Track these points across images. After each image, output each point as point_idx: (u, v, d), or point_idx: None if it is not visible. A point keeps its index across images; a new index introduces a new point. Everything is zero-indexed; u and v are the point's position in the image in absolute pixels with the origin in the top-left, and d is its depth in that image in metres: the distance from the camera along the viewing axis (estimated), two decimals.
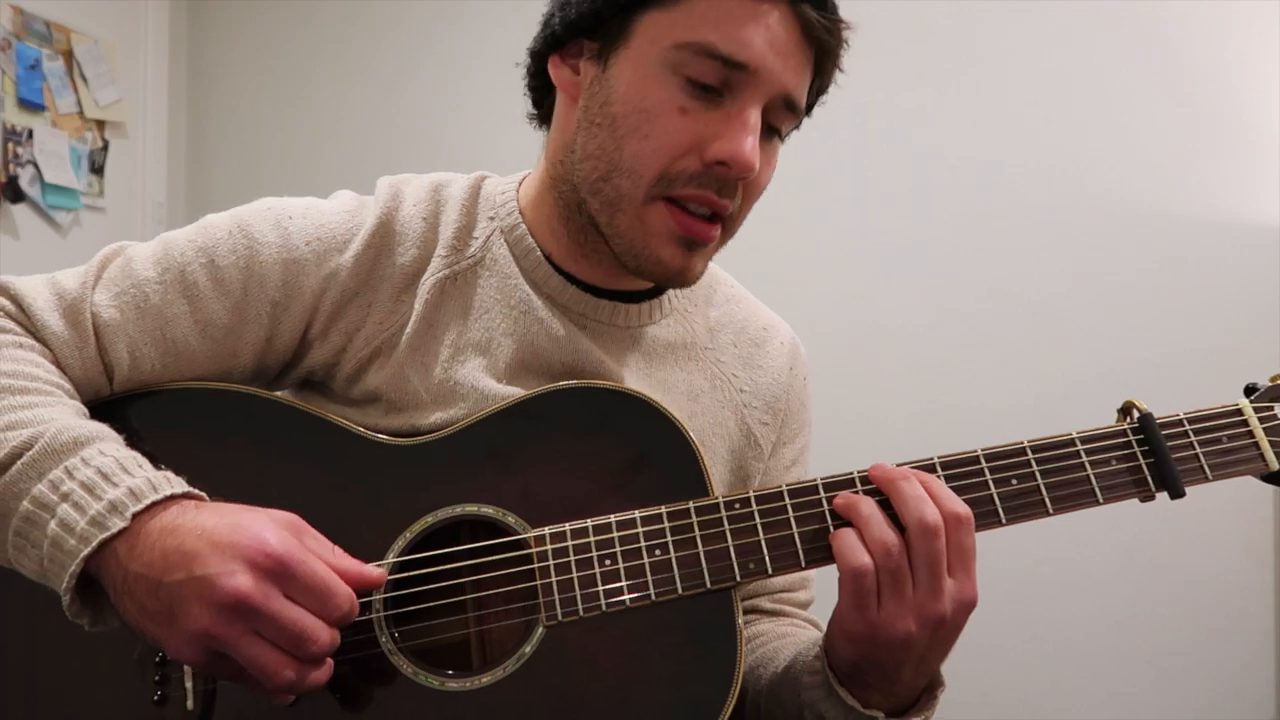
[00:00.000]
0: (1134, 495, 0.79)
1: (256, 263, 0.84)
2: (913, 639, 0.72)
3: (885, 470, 0.76)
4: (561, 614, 0.75)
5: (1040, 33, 2.19)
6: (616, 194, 0.83)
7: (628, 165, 0.82)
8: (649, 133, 0.81)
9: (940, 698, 0.79)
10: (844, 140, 2.31)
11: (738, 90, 0.80)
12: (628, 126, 0.82)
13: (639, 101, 0.81)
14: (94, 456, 0.71)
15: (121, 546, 0.67)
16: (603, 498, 0.79)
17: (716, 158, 0.80)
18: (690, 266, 0.85)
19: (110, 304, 0.82)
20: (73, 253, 2.57)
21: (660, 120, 0.80)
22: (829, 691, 0.77)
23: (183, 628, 0.65)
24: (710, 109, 0.80)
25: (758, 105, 0.80)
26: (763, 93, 0.80)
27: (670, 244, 0.83)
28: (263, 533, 0.67)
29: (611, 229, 0.84)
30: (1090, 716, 2.08)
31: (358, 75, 2.81)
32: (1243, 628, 2.01)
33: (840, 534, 0.75)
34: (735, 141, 0.79)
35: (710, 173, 0.81)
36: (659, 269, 0.84)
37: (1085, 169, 2.15)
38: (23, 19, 2.54)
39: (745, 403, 0.96)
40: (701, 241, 0.84)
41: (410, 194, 0.91)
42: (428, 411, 0.85)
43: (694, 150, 0.80)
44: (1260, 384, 0.85)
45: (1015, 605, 2.11)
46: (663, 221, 0.82)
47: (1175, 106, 2.10)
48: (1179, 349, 2.00)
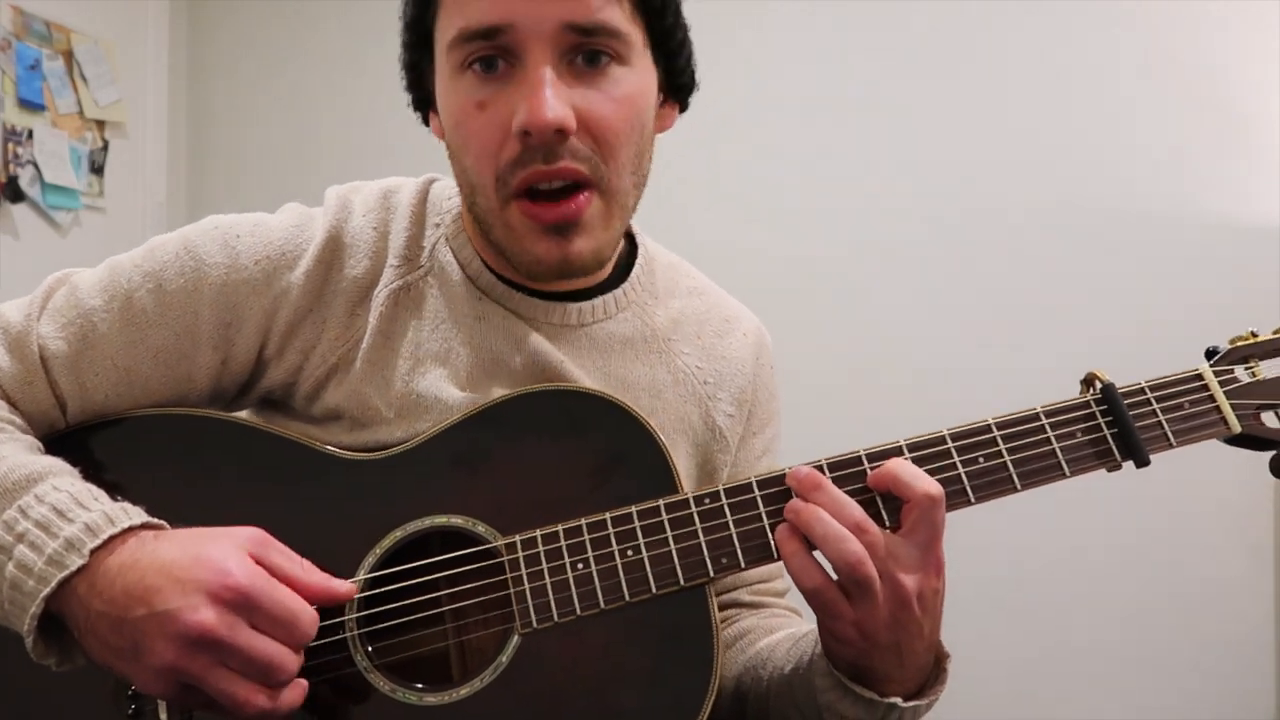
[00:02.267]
0: (1100, 466, 0.79)
1: (205, 285, 0.83)
2: (897, 621, 0.73)
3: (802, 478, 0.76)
4: (536, 621, 0.74)
5: (1040, 32, 2.19)
6: (483, 212, 0.83)
7: (475, 181, 0.82)
8: (467, 143, 0.81)
9: (949, 669, 0.79)
10: (843, 140, 2.31)
11: (517, 53, 0.78)
12: (456, 146, 0.83)
13: (451, 119, 0.82)
14: (48, 493, 0.70)
15: (81, 585, 0.66)
16: (572, 501, 0.78)
17: (519, 129, 0.77)
18: (571, 252, 0.81)
19: (57, 335, 0.80)
20: (73, 253, 2.53)
21: (467, 125, 0.80)
22: (845, 691, 0.77)
23: (148, 664, 0.64)
24: (504, 88, 0.78)
25: (541, 55, 0.77)
26: (539, 40, 0.77)
27: (539, 240, 0.81)
28: (225, 562, 0.66)
29: (497, 243, 0.84)
30: (1090, 716, 2.09)
31: (357, 75, 2.78)
32: (1243, 628, 2.02)
33: (790, 554, 0.75)
34: (528, 105, 0.76)
35: (528, 147, 0.77)
36: (541, 267, 0.82)
37: (1085, 169, 2.15)
38: (23, 19, 2.51)
39: (709, 395, 0.95)
40: (565, 222, 0.80)
41: (359, 204, 0.90)
42: (392, 426, 0.84)
43: (507, 135, 0.78)
44: (1221, 346, 0.85)
45: (1015, 605, 2.12)
46: (521, 220, 0.80)
47: (1175, 106, 2.09)
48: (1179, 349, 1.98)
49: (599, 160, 0.80)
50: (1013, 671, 2.12)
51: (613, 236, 0.85)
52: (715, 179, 2.37)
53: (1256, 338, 0.84)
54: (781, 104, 2.36)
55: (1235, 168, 2.06)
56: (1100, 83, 2.15)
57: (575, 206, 0.80)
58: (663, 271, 0.99)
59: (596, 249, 0.83)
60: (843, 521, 0.73)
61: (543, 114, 0.75)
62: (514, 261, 0.84)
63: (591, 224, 0.81)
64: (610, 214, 0.83)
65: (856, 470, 0.77)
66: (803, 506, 0.75)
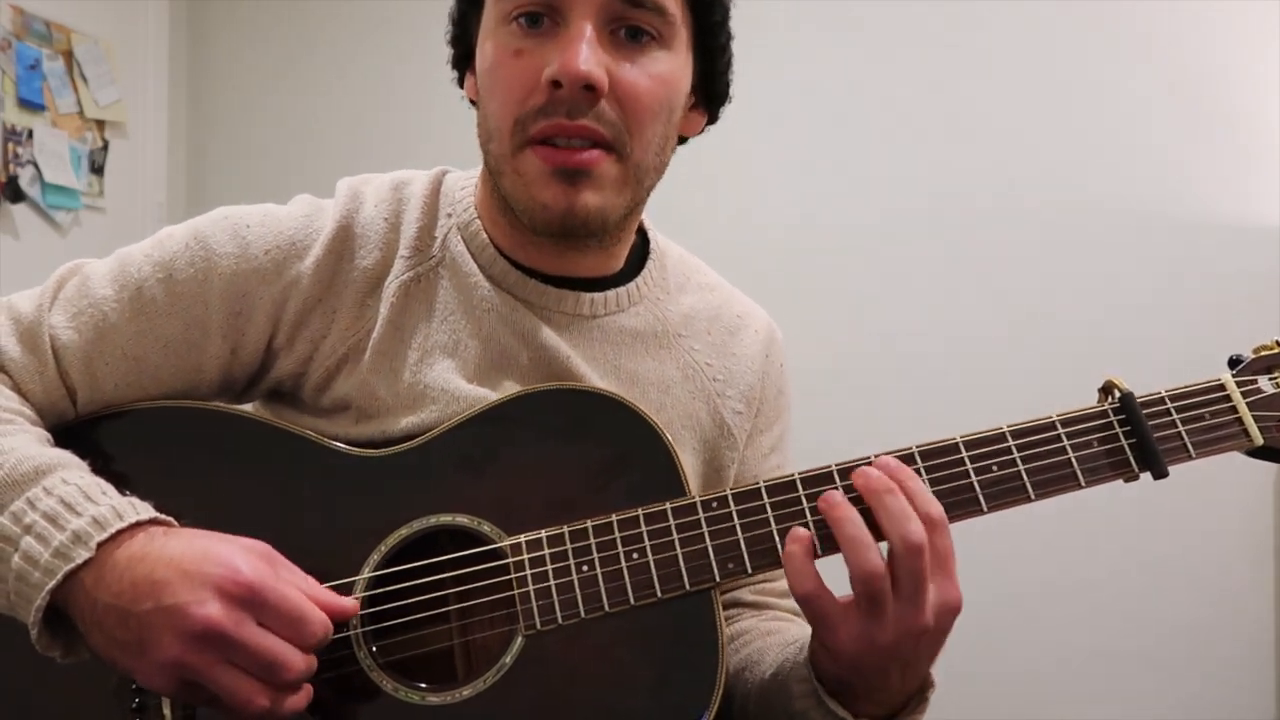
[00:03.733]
0: (1116, 477, 0.77)
1: (215, 275, 0.83)
2: (896, 650, 0.71)
3: (869, 480, 0.73)
4: (540, 622, 0.74)
5: (1040, 34, 2.17)
6: (495, 159, 0.83)
7: (494, 127, 0.82)
8: (495, 88, 0.81)
9: (931, 698, 0.78)
10: (844, 141, 2.30)
11: (561, 10, 0.79)
12: (485, 91, 0.83)
13: (485, 64, 0.83)
14: (56, 485, 0.70)
15: (88, 577, 0.66)
16: (579, 502, 0.78)
17: (550, 78, 0.77)
18: (578, 201, 0.80)
19: (68, 325, 0.81)
20: (73, 253, 2.50)
21: (500, 71, 0.81)
22: (818, 702, 0.76)
23: (153, 658, 0.64)
24: (544, 41, 0.79)
25: (585, 15, 0.78)
26: (587, 1, 0.78)
27: (548, 185, 0.80)
28: (233, 559, 0.66)
29: (508, 197, 0.84)
30: (1090, 716, 2.09)
31: (357, 74, 2.79)
32: (1243, 628, 2.01)
33: (790, 555, 0.72)
34: (563, 57, 0.77)
35: (554, 99, 0.78)
36: (546, 214, 0.81)
37: (1085, 170, 2.14)
38: (23, 19, 2.52)
39: (719, 392, 0.94)
40: (578, 169, 0.79)
41: (371, 195, 0.89)
42: (398, 417, 0.84)
43: (536, 84, 0.79)
44: (1245, 355, 0.83)
45: (1015, 605, 2.11)
46: (533, 165, 0.80)
47: (1175, 107, 2.08)
48: (1179, 349, 1.98)
49: (623, 129, 0.80)
50: (1012, 672, 2.12)
51: (623, 202, 0.84)
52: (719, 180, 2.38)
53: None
54: (782, 103, 2.36)
55: (1236, 168, 2.05)
56: (1102, 84, 2.14)
57: (589, 157, 0.80)
58: (675, 267, 0.98)
59: (603, 206, 0.82)
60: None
61: (575, 65, 0.76)
62: (520, 210, 0.83)
63: (602, 180, 0.81)
64: (624, 180, 0.82)
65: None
66: (884, 487, 0.72)
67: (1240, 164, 2.04)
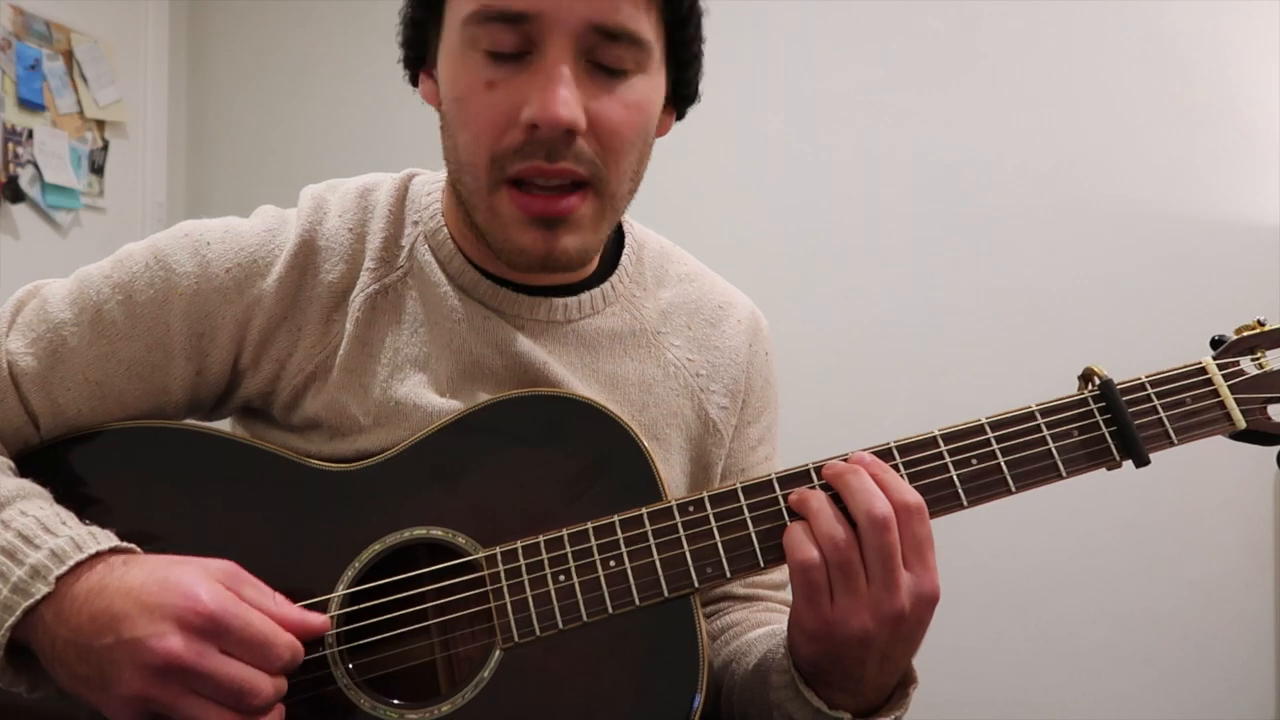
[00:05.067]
0: (1098, 466, 0.76)
1: (175, 295, 0.81)
2: (871, 635, 0.69)
3: (835, 465, 0.74)
4: (518, 635, 0.73)
5: (1040, 33, 2.16)
6: (469, 192, 0.80)
7: (466, 159, 0.79)
8: (467, 120, 0.77)
9: (913, 694, 0.76)
10: (844, 141, 2.29)
11: (537, 42, 0.74)
12: (453, 120, 0.79)
13: (454, 92, 0.78)
14: (14, 518, 0.68)
15: (48, 612, 0.65)
16: (555, 510, 0.77)
17: (527, 121, 0.74)
18: (557, 247, 0.78)
19: (26, 351, 0.79)
20: (73, 253, 2.56)
21: (472, 103, 0.76)
22: (795, 692, 0.75)
23: (117, 693, 0.63)
24: (518, 73, 0.75)
25: (564, 51, 0.74)
26: (563, 34, 0.74)
27: (526, 230, 0.78)
28: (194, 588, 0.65)
29: (481, 229, 0.81)
30: (1090, 716, 2.09)
31: (357, 74, 2.78)
32: (1243, 628, 2.01)
33: (790, 529, 0.72)
34: (539, 100, 0.73)
35: (533, 140, 0.75)
36: (525, 258, 0.79)
37: (1085, 169, 2.13)
38: (23, 19, 2.52)
39: (702, 387, 0.93)
40: (555, 217, 0.78)
41: (335, 204, 0.87)
42: (370, 434, 0.82)
43: (512, 122, 0.75)
44: (1227, 336, 0.82)
45: (1015, 605, 2.11)
46: (509, 208, 0.78)
47: (1175, 106, 2.07)
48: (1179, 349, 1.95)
49: (600, 164, 0.77)
50: (1011, 671, 2.12)
51: (601, 237, 0.83)
52: (716, 175, 2.37)
53: (1264, 327, 0.81)
54: (782, 102, 2.35)
55: (1236, 167, 2.04)
56: (1102, 83, 2.13)
57: (567, 205, 0.78)
58: (652, 260, 0.96)
59: (583, 247, 0.81)
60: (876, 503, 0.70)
61: (556, 111, 0.73)
62: (496, 248, 0.81)
63: (582, 223, 0.79)
64: (602, 216, 0.81)
65: None
66: (848, 469, 0.72)
67: (1241, 163, 2.03)
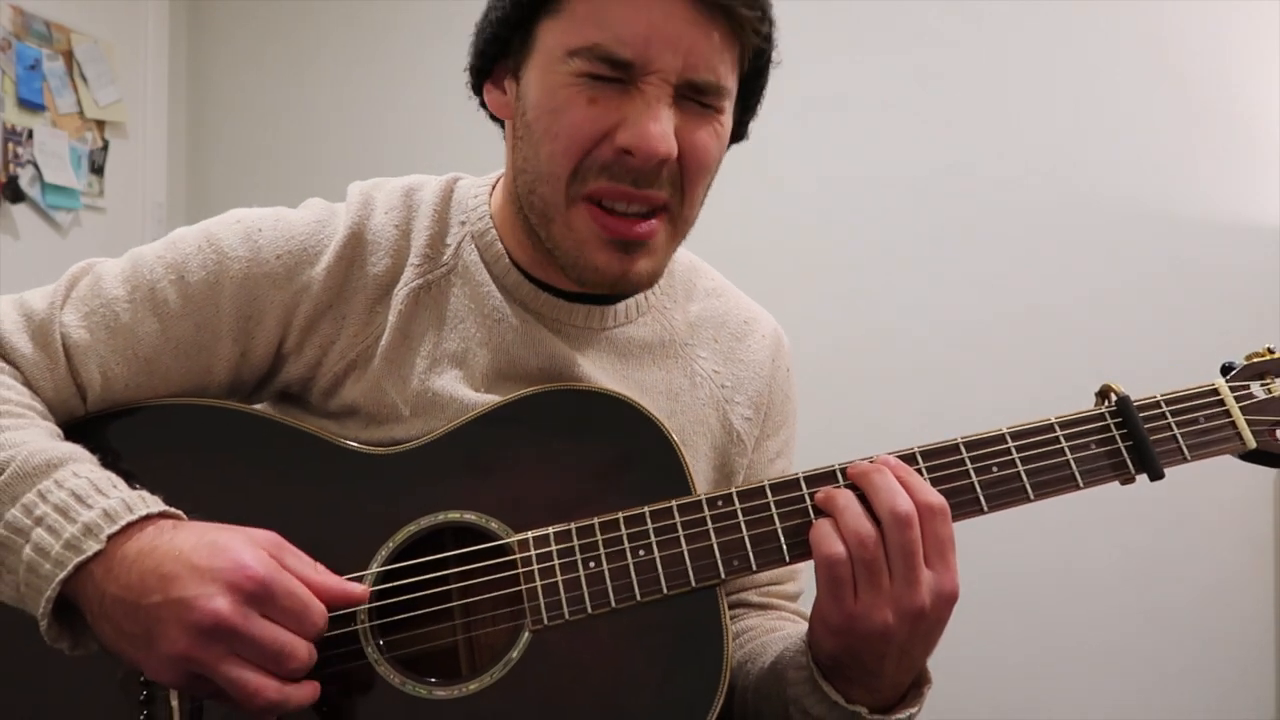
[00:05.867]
0: (1114, 478, 0.79)
1: (226, 278, 0.84)
2: (891, 631, 0.71)
3: (860, 465, 0.76)
4: (547, 618, 0.75)
5: (1040, 33, 2.20)
6: (543, 203, 0.82)
7: (545, 170, 0.81)
8: (559, 131, 0.79)
9: (927, 694, 0.78)
10: (844, 140, 2.32)
11: (639, 79, 0.78)
12: (540, 130, 0.81)
13: (548, 104, 0.80)
14: (67, 479, 0.70)
15: (98, 569, 0.67)
16: (585, 500, 0.79)
17: (623, 145, 0.77)
18: (632, 270, 0.82)
19: (80, 324, 0.81)
20: (73, 253, 2.53)
21: (568, 114, 0.79)
22: (813, 687, 0.77)
23: (161, 651, 0.65)
24: (620, 95, 0.78)
25: (663, 90, 0.78)
26: (662, 79, 0.77)
27: (602, 249, 0.81)
28: (241, 554, 0.67)
29: (550, 242, 0.83)
30: (1091, 717, 2.09)
31: (357, 75, 2.80)
32: (1243, 628, 2.02)
33: (816, 524, 0.75)
34: (639, 127, 0.77)
35: (622, 162, 0.78)
36: (598, 276, 0.82)
37: (1085, 169, 2.15)
38: (23, 19, 2.54)
39: (727, 398, 0.96)
40: (634, 240, 0.81)
41: (382, 200, 0.90)
42: (406, 424, 0.84)
43: (605, 138, 0.78)
44: (1236, 362, 0.85)
45: (1016, 605, 2.12)
46: (587, 225, 0.80)
47: (1175, 106, 2.10)
48: (1179, 349, 2.00)
49: (680, 190, 0.81)
50: (1012, 671, 2.12)
51: (670, 256, 0.87)
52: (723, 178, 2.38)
53: (1274, 354, 0.84)
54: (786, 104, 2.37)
55: (1236, 168, 2.06)
56: (1102, 83, 2.16)
57: (648, 229, 0.81)
58: (681, 273, 0.99)
59: (654, 271, 0.84)
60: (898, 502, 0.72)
61: (654, 142, 0.76)
62: (566, 264, 0.83)
63: (657, 247, 0.83)
64: (673, 239, 0.85)
65: None
66: (873, 468, 0.75)
67: (1241, 163, 2.06)
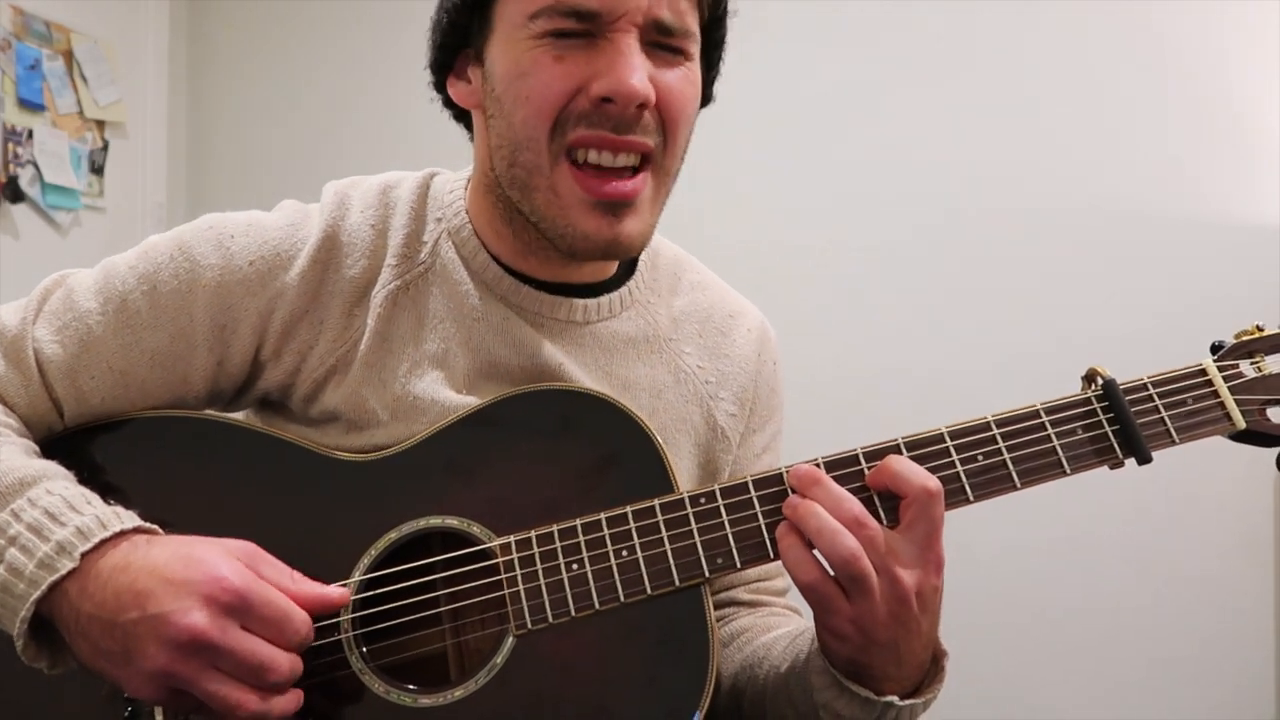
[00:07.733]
0: (1102, 463, 0.78)
1: (199, 287, 0.82)
2: (895, 617, 0.71)
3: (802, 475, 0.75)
4: (531, 622, 0.74)
5: (1038, 33, 2.19)
6: (526, 171, 0.80)
7: (523, 136, 0.79)
8: (529, 93, 0.78)
9: (947, 667, 0.78)
10: (843, 140, 2.31)
11: (605, 29, 0.77)
12: (511, 98, 0.79)
13: (515, 70, 0.79)
14: (40, 496, 0.70)
15: (72, 587, 0.66)
16: (568, 501, 0.78)
17: (601, 94, 0.76)
18: (622, 232, 0.80)
19: (52, 339, 0.80)
20: (73, 253, 2.57)
21: (536, 75, 0.78)
22: (841, 690, 0.76)
23: (140, 667, 0.64)
24: (587, 48, 0.77)
25: (631, 35, 0.77)
26: (629, 20, 0.77)
27: (589, 214, 0.79)
28: (217, 566, 0.66)
29: (534, 214, 0.82)
30: (1090, 716, 2.08)
31: (357, 74, 2.79)
32: (1243, 628, 2.01)
33: (787, 547, 0.73)
34: (614, 73, 0.76)
35: (600, 111, 0.77)
36: (588, 244, 0.80)
37: (1084, 169, 2.14)
38: (23, 19, 2.53)
39: (711, 394, 0.94)
40: (622, 200, 0.79)
41: (358, 200, 0.89)
42: (388, 428, 0.83)
43: (580, 92, 0.77)
44: (1226, 341, 0.84)
45: (1015, 605, 2.11)
46: (571, 190, 0.79)
47: (1175, 106, 2.09)
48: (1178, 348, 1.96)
49: (661, 139, 0.80)
50: (1011, 671, 2.11)
51: (656, 218, 0.84)
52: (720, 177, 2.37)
53: (1262, 332, 0.83)
54: (786, 104, 2.37)
55: (1236, 168, 2.05)
56: (1102, 83, 2.15)
57: (633, 186, 0.79)
58: (666, 267, 0.98)
59: (644, 231, 0.82)
60: (840, 517, 0.72)
61: (631, 87, 0.75)
62: (554, 234, 0.81)
63: (643, 205, 0.81)
64: (658, 196, 0.83)
65: (854, 469, 0.76)
66: (800, 502, 0.74)
67: (1241, 163, 2.05)
